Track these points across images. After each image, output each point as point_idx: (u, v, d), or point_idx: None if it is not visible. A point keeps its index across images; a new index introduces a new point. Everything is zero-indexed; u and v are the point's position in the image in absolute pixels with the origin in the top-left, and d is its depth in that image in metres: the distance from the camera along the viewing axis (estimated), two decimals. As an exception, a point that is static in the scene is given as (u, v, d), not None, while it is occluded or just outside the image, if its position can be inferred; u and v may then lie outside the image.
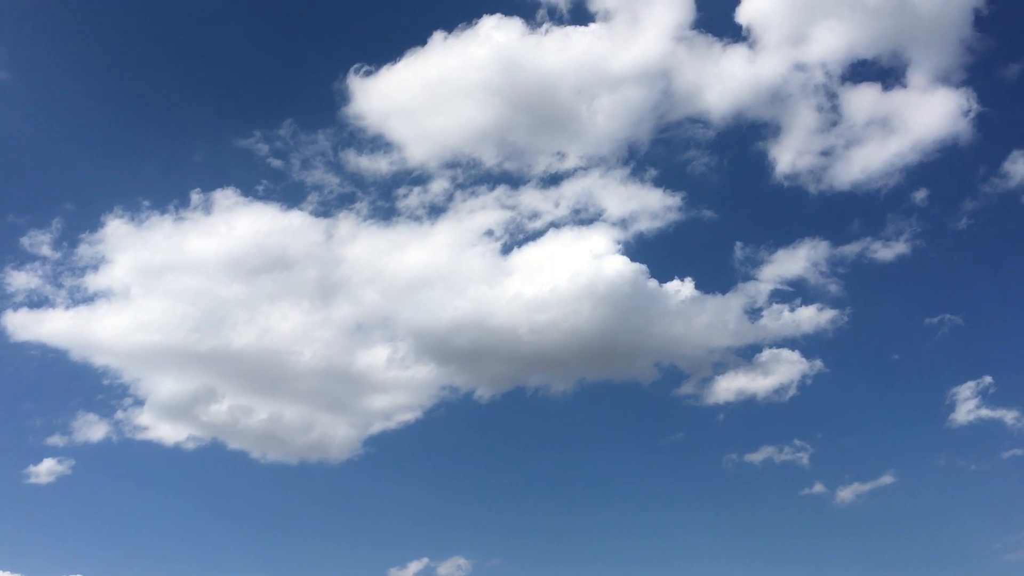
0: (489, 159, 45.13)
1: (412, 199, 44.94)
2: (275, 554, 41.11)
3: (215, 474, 42.71)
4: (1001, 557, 45.20)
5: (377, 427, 42.75)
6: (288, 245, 43.28)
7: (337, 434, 42.63)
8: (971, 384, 48.20)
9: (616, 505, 46.61)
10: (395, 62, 44.77)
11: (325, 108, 46.46)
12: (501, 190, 45.26)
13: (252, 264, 42.49)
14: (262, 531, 41.83)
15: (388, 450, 43.34)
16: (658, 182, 47.79)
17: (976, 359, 50.10)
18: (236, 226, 42.93)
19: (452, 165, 45.31)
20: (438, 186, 44.98)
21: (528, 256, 43.98)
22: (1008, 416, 46.23)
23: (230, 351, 41.32)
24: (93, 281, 42.31)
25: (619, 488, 47.38)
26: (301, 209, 44.47)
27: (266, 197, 44.34)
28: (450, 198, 45.01)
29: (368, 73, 44.80)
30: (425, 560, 40.14)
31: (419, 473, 44.56)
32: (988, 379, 47.60)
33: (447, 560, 40.42)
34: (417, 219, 45.01)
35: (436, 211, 44.97)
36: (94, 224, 43.17)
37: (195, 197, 43.45)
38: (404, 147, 45.25)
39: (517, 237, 44.79)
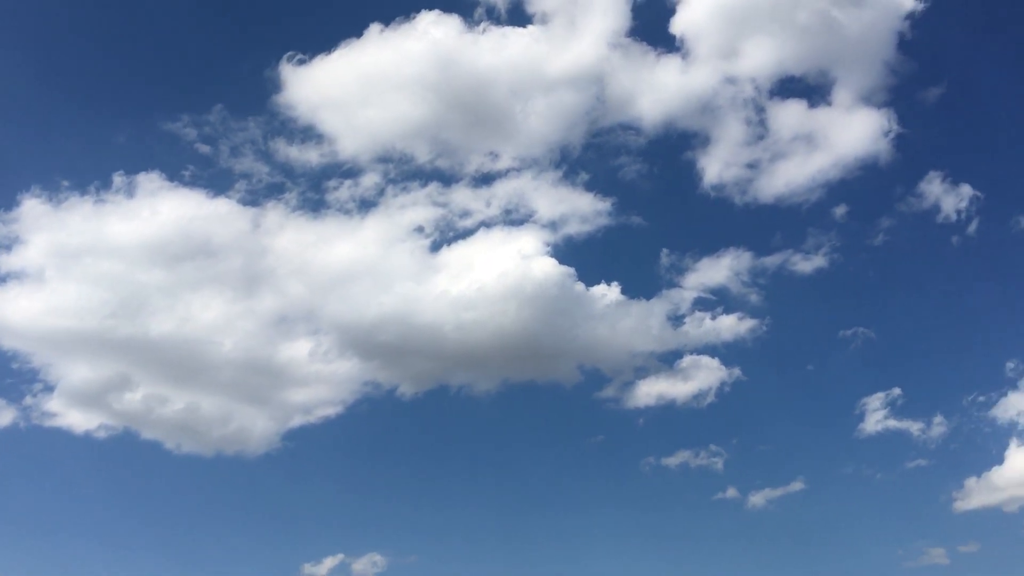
0: (422, 155, 44.96)
1: (342, 192, 44.54)
2: (187, 548, 40.34)
3: (126, 464, 41.80)
4: (901, 564, 46.87)
5: (297, 421, 42.26)
6: (213, 233, 42.43)
7: (256, 427, 41.99)
8: (880, 395, 49.83)
9: (535, 505, 46.87)
10: (329, 52, 44.28)
11: (256, 95, 45.69)
12: (433, 187, 45.13)
13: (174, 250, 41.56)
14: (174, 524, 40.99)
15: (307, 445, 42.90)
16: (589, 186, 48.19)
17: (886, 371, 51.82)
18: (159, 211, 41.91)
19: (384, 160, 45.02)
20: (369, 180, 44.61)
21: (457, 254, 43.98)
22: (914, 427, 47.95)
23: (147, 339, 40.37)
24: (5, 261, 40.93)
25: (538, 488, 47.65)
26: (228, 197, 43.64)
27: (192, 183, 43.43)
28: (381, 193, 44.71)
29: (301, 62, 44.22)
30: (340, 556, 39.86)
31: (338, 469, 44.23)
32: (897, 391, 49.29)
33: (363, 556, 40.23)
34: (347, 212, 44.61)
35: (366, 205, 44.62)
36: (8, 202, 41.74)
37: (117, 179, 42.32)
38: (336, 139, 44.81)
39: (447, 235, 44.72)
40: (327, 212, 44.64)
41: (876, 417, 49.62)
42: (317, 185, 44.85)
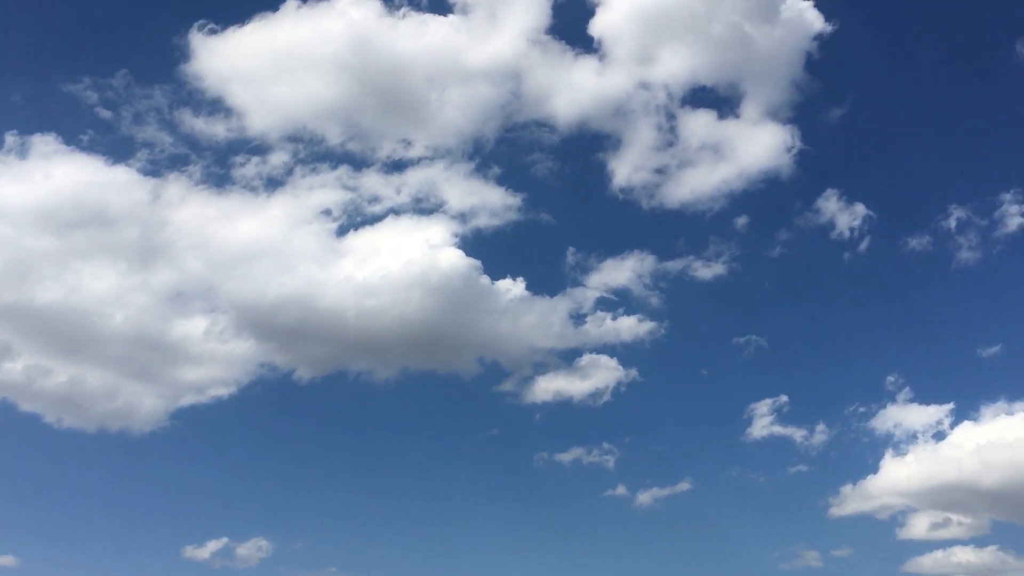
0: (333, 137, 44.39)
1: (249, 169, 43.64)
2: (63, 526, 39.09)
3: (2, 436, 40.27)
4: (777, 566, 48.64)
5: (187, 400, 41.26)
6: (109, 201, 40.99)
7: (143, 404, 40.84)
8: (768, 402, 51.52)
9: (428, 495, 46.82)
10: (243, 24, 43.25)
11: (163, 63, 44.32)
12: (343, 170, 44.61)
13: (67, 217, 39.99)
14: (50, 501, 39.63)
15: (196, 424, 41.99)
16: (501, 180, 48.31)
17: (775, 379, 53.58)
18: (53, 175, 40.27)
19: (294, 139, 44.30)
20: (277, 159, 43.86)
21: (364, 240, 43.56)
22: (797, 434, 49.75)
23: (32, 307, 38.69)
24: None
25: (433, 478, 47.63)
26: (128, 165, 42.28)
27: (90, 148, 41.93)
28: (289, 172, 44.00)
29: (212, 32, 43.04)
30: (225, 540, 39.17)
31: (227, 450, 43.36)
32: (784, 398, 51.03)
33: (248, 541, 39.61)
34: (252, 190, 43.75)
35: (273, 184, 43.84)
36: None
37: (10, 139, 40.48)
38: (245, 114, 43.87)
39: (355, 219, 44.26)
40: (232, 188, 43.71)
41: (763, 423, 51.30)
42: (223, 160, 43.86)
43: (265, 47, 43.09)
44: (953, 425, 48.99)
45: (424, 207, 45.41)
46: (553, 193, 53.15)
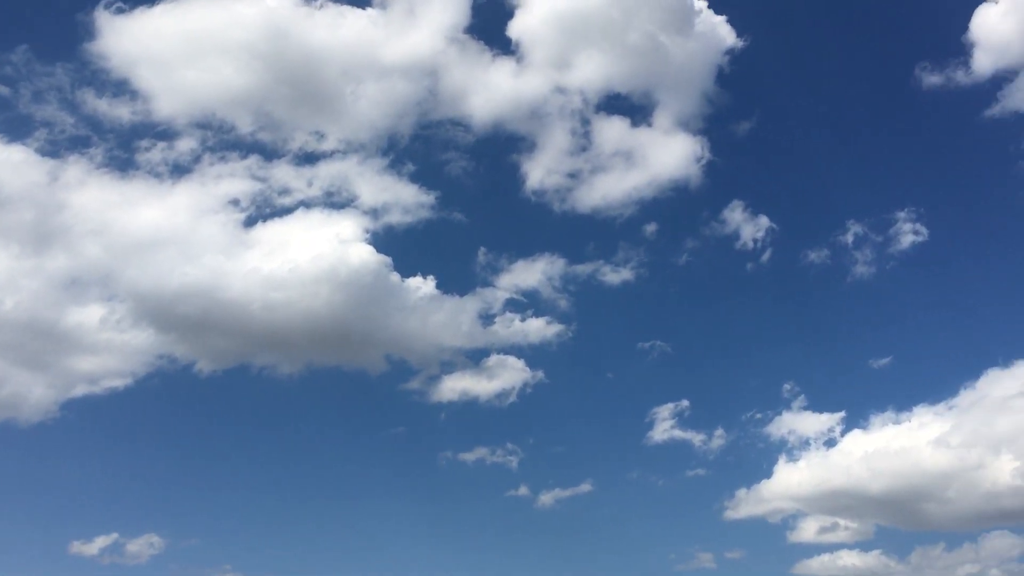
0: (244, 126, 43.55)
1: (154, 154, 42.52)
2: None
3: None
4: (673, 567, 49.69)
5: (80, 390, 39.98)
6: (4, 181, 39.38)
7: (32, 394, 39.38)
8: (670, 406, 52.58)
9: (331, 493, 46.32)
10: (152, 5, 42.00)
11: (66, 40, 42.83)
12: (253, 160, 43.85)
13: (-45, 196, 38.32)
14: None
15: (89, 416, 40.75)
16: (414, 177, 48.08)
17: (677, 384, 54.73)
18: (-57, 151, 38.52)
19: (203, 125, 43.30)
20: (185, 145, 42.81)
21: (272, 232, 42.81)
22: (696, 438, 50.91)
23: (-88, 288, 36.95)
24: None
25: (336, 476, 47.10)
26: (25, 144, 40.75)
27: (-15, 125, 40.27)
28: (196, 159, 42.99)
29: (120, 11, 41.72)
30: (115, 535, 38.15)
31: (120, 443, 42.16)
32: (685, 403, 52.16)
33: (139, 537, 38.64)
34: (157, 176, 42.63)
35: (179, 171, 42.79)
36: None
37: (-103, 113, 38.58)
38: (151, 98, 42.66)
39: (263, 211, 43.52)
40: (135, 173, 42.53)
41: (664, 426, 52.34)
42: (127, 144, 42.63)
43: (175, 29, 41.98)
44: (844, 433, 50.91)
45: (335, 201, 44.90)
46: (466, 192, 53.18)
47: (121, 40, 42.04)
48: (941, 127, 57.94)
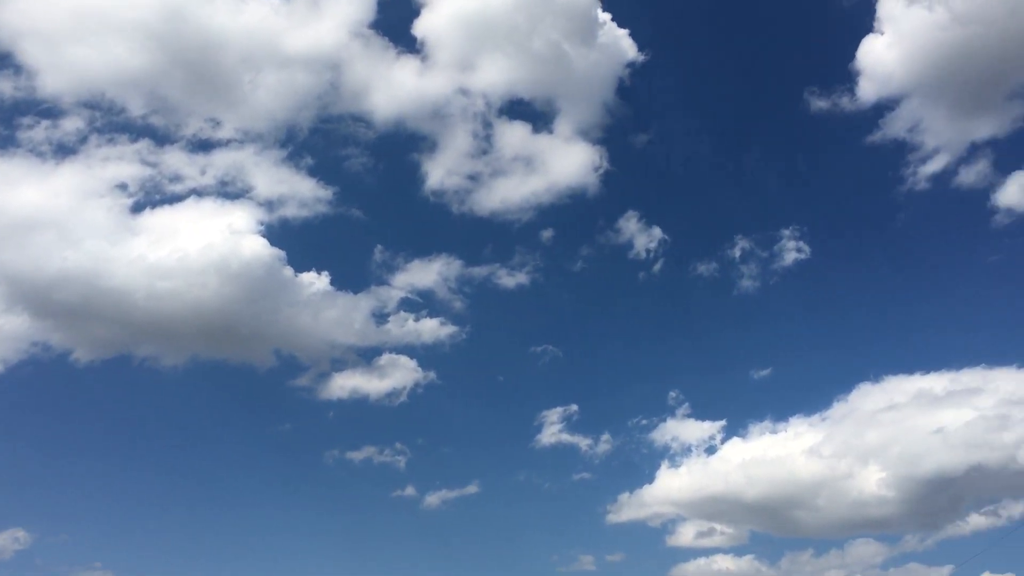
0: (135, 108, 42.21)
1: (37, 132, 40.83)
2: None
3: None
4: (555, 569, 50.37)
5: (-58, 377, 38.05)
6: None
7: None
8: (559, 410, 53.26)
9: (212, 490, 45.12)
10: (41, -24, 40.42)
11: (-55, 6, 40.61)
12: (144, 144, 42.53)
13: None
14: None
15: (-47, 403, 38.78)
16: (312, 171, 47.40)
17: (567, 388, 55.54)
18: None
19: (91, 105, 41.76)
20: (71, 124, 41.24)
21: (161, 219, 41.58)
22: (583, 443, 51.72)
23: None
24: None
25: (218, 473, 45.89)
26: None
27: None
28: (83, 140, 41.47)
29: (6, -19, 39.93)
30: (-23, 530, 36.55)
31: (-15, 433, 40.28)
32: (574, 407, 52.92)
33: (3, 532, 37.25)
34: (39, 155, 40.91)
35: (64, 151, 41.18)
36: None
37: None
38: (37, 73, 40.91)
39: (153, 197, 42.25)
40: (16, 151, 40.77)
41: (552, 430, 52.98)
42: (8, 120, 40.85)
43: (65, 4, 40.44)
44: (724, 440, 52.60)
45: (229, 191, 43.88)
46: (365, 189, 52.70)
47: (5, 11, 40.22)
48: (826, 150, 60.58)
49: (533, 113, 55.03)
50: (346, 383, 46.99)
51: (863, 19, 61.09)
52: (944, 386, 50.80)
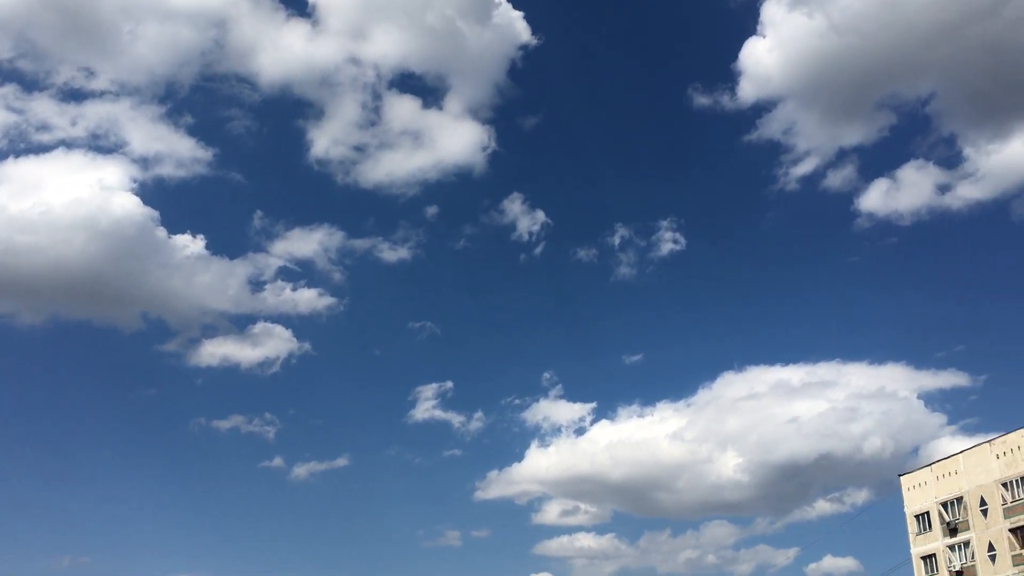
0: (2, 51, 40.26)
1: None
2: None
3: None
4: (420, 544, 50.81)
5: None
6: None
7: None
8: (434, 386, 53.49)
9: (69, 452, 43.79)
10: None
11: None
12: (9, 89, 40.71)
13: None
14: None
15: None
16: (192, 131, 45.99)
17: (443, 365, 55.85)
18: None
19: (-50, 44, 39.49)
20: (-73, 62, 38.84)
21: (24, 169, 40.01)
22: (456, 420, 52.15)
23: None
24: None
25: (76, 435, 44.47)
26: None
27: None
28: (-60, 80, 39.13)
29: None
30: None
31: None
32: (449, 384, 53.25)
33: None
34: None
35: (-82, 90, 38.74)
36: None
37: None
38: None
39: (17, 146, 40.39)
40: None
41: (426, 406, 53.20)
42: None
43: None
44: (593, 422, 54.04)
45: (101, 145, 42.21)
46: (247, 153, 51.55)
47: None
48: (705, 146, 62.60)
49: (424, 88, 54.70)
50: (216, 350, 45.91)
51: (747, 21, 63.35)
52: (801, 378, 53.69)
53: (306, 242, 50.50)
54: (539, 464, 51.05)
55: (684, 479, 50.86)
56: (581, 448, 51.97)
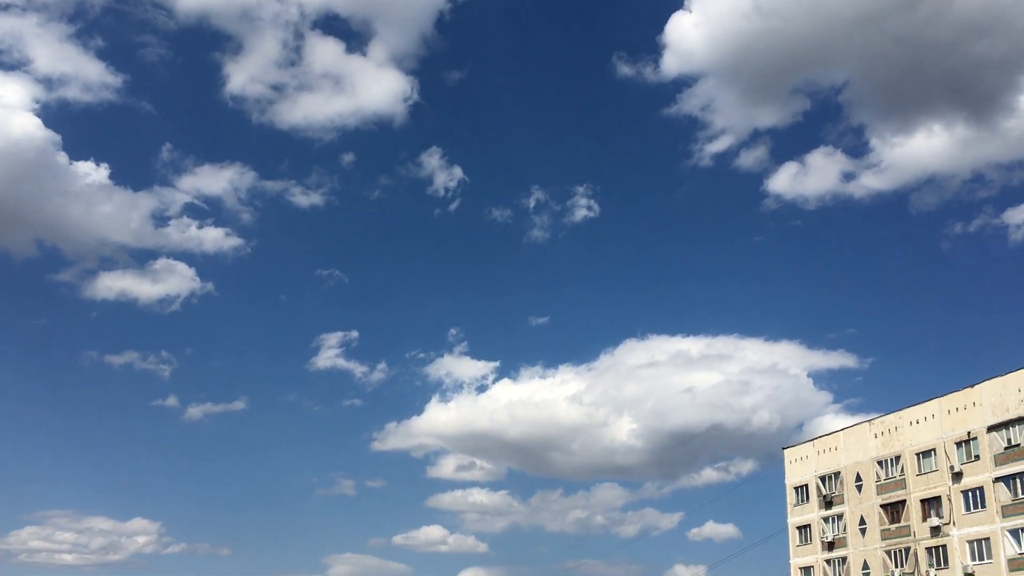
0: None
1: None
2: None
3: None
4: (314, 491, 50.91)
5: None
6: None
7: None
8: (339, 335, 53.38)
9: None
10: None
11: None
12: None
13: None
14: None
15: None
16: (102, 54, 44.29)
17: (350, 314, 55.66)
18: None
19: None
20: None
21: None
22: (359, 369, 52.14)
23: None
24: None
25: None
26: None
27: None
28: None
29: None
30: None
31: None
32: (354, 334, 53.20)
33: None
34: None
35: None
36: None
37: None
38: None
39: (-94, 53, 37.95)
40: None
41: (329, 354, 53.03)
42: None
43: None
44: (495, 381, 54.83)
45: (2, 61, 40.30)
46: (160, 83, 49.88)
47: None
48: (626, 116, 63.42)
49: (348, 32, 53.78)
50: (114, 284, 44.78)
51: (675, -5, 64.15)
52: (700, 350, 55.52)
53: (215, 179, 49.38)
54: (438, 418, 51.60)
55: (579, 441, 52.19)
56: (481, 405, 52.73)
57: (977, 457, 22.58)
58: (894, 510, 24.84)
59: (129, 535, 49.35)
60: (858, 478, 26.14)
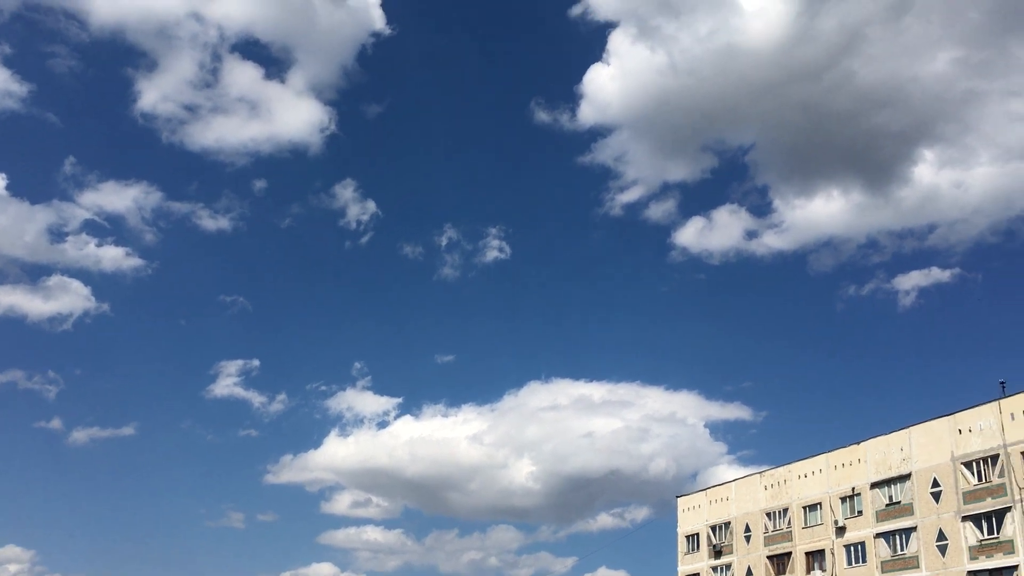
0: None
1: None
2: None
3: None
4: (203, 522, 49.24)
5: None
6: None
7: None
8: (239, 363, 52.13)
9: None
10: None
11: None
12: None
13: None
14: None
15: None
16: (9, 62, 42.98)
17: (251, 343, 54.48)
18: None
19: None
20: None
21: None
22: (257, 399, 50.95)
23: None
24: None
25: None
26: None
27: None
28: None
29: None
30: None
31: None
32: (255, 363, 52.03)
33: None
34: None
35: None
36: None
37: None
38: None
39: None
40: None
41: (227, 382, 51.68)
42: None
43: None
44: (397, 417, 54.22)
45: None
46: (67, 94, 48.52)
47: None
48: (542, 161, 64.28)
49: (268, 58, 53.33)
50: (3, 299, 43.00)
51: (594, 47, 65.67)
52: (602, 395, 56.12)
53: (119, 197, 48.04)
54: (336, 453, 50.70)
55: (477, 481, 51.91)
56: (381, 441, 52.04)
57: (860, 512, 23.33)
58: (780, 562, 25.41)
59: (-1, 563, 46.90)
60: (747, 528, 26.69)
